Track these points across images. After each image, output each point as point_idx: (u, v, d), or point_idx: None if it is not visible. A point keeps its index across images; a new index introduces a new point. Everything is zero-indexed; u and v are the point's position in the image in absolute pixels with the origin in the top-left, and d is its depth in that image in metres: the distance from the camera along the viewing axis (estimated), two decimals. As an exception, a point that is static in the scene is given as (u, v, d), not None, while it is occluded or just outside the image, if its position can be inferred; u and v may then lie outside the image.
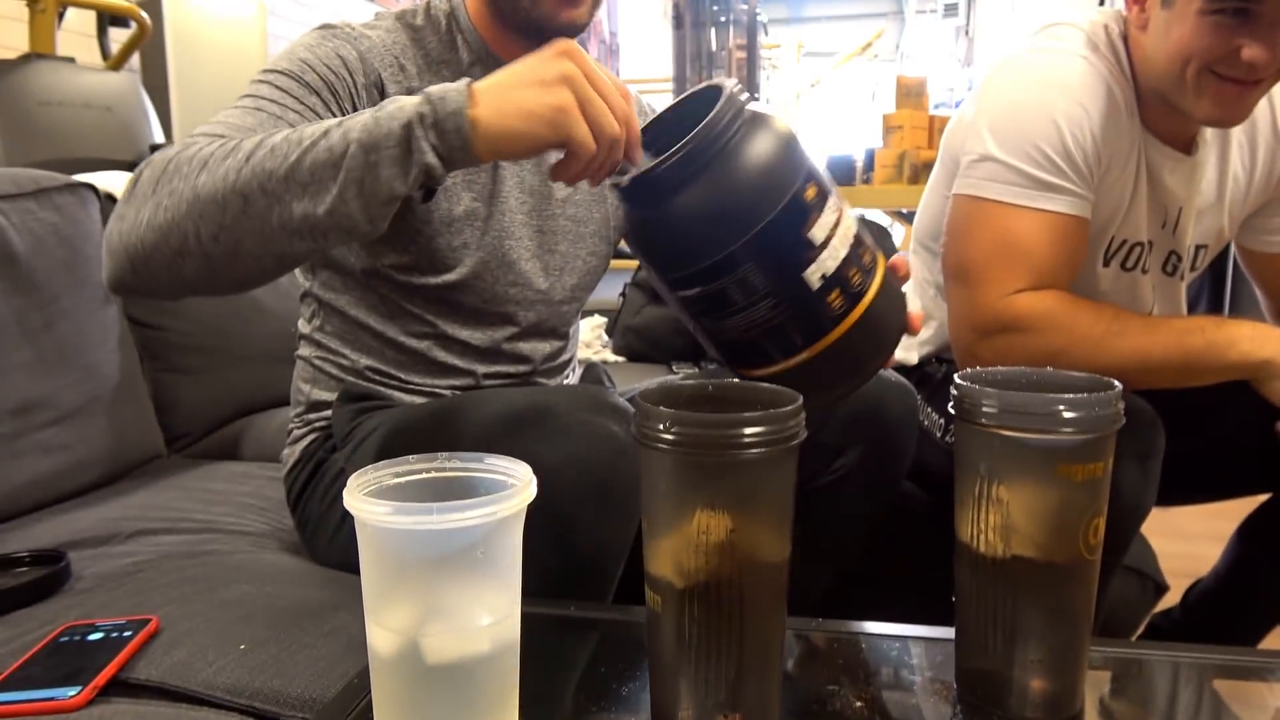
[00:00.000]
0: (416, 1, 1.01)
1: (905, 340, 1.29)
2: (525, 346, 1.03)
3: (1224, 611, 1.31)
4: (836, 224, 0.64)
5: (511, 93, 0.65)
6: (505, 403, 0.79)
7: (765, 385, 0.52)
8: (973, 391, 0.54)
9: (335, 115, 0.84)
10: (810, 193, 0.63)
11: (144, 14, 3.03)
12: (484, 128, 0.65)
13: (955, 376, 0.57)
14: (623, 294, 2.25)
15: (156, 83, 4.11)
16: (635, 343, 2.13)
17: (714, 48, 7.81)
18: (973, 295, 1.04)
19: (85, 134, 2.66)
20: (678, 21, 7.03)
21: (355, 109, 0.86)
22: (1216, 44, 0.96)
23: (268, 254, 0.68)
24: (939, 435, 1.14)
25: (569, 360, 1.12)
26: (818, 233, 0.62)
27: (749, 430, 0.45)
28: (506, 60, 0.97)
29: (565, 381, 1.12)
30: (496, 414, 0.77)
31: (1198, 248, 1.20)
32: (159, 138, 2.91)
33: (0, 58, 2.71)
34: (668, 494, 0.48)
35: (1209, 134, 1.13)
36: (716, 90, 0.67)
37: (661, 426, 0.46)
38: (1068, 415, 0.51)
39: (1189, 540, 1.53)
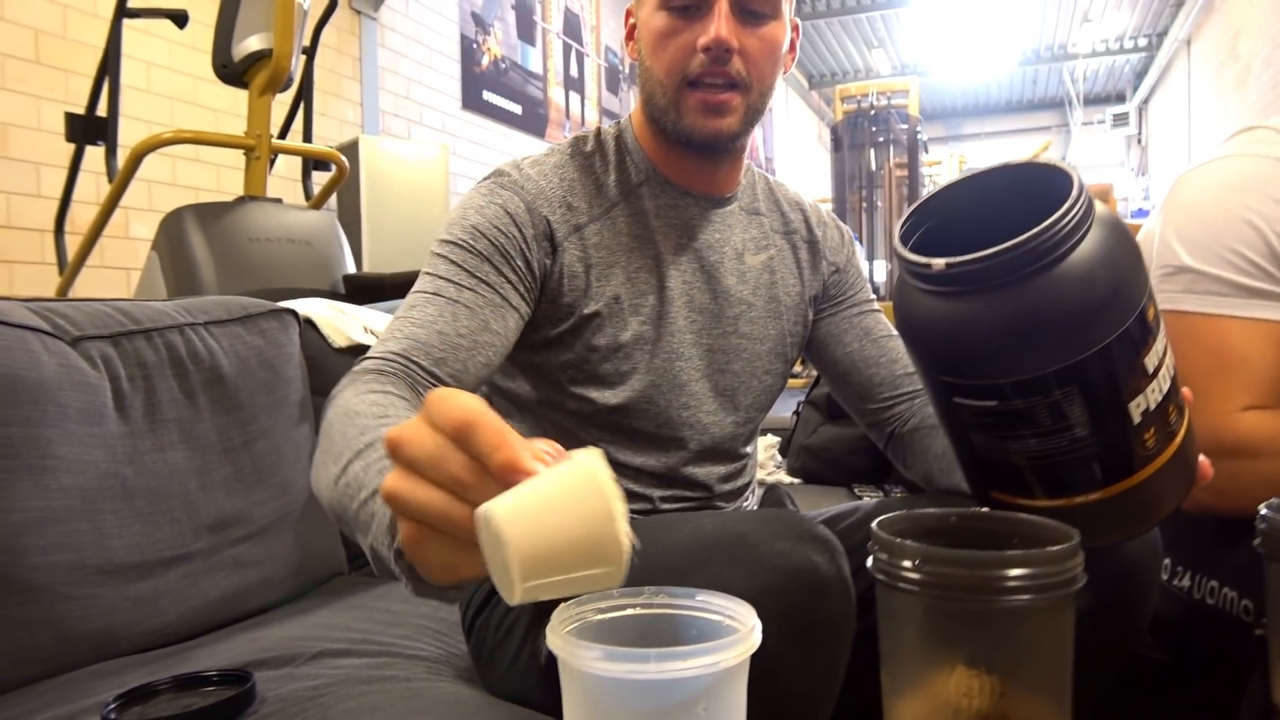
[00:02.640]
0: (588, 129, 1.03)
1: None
2: (701, 471, 0.98)
3: None
4: (1165, 352, 0.55)
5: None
6: (693, 529, 0.73)
7: (1023, 517, 0.45)
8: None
9: (508, 275, 0.87)
10: (1151, 312, 0.54)
11: (343, 159, 3.31)
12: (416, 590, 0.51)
13: (1261, 509, 0.47)
14: (796, 413, 2.18)
15: (351, 218, 4.49)
16: (811, 463, 2.04)
17: (873, 167, 7.83)
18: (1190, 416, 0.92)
19: (288, 266, 2.89)
20: (836, 144, 7.10)
21: (526, 262, 0.88)
22: None
23: None
24: (1171, 580, 0.99)
25: (748, 484, 1.06)
26: (1150, 360, 0.53)
27: (1017, 571, 0.38)
28: (672, 178, 0.98)
29: (745, 505, 1.06)
30: (684, 542, 0.72)
31: None
32: (350, 268, 3.12)
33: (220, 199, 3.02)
34: (916, 646, 0.41)
35: None
36: (1047, 173, 0.57)
37: (909, 564, 0.39)
38: None
39: None
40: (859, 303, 1.09)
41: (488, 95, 6.42)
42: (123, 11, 2.96)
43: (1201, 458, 0.63)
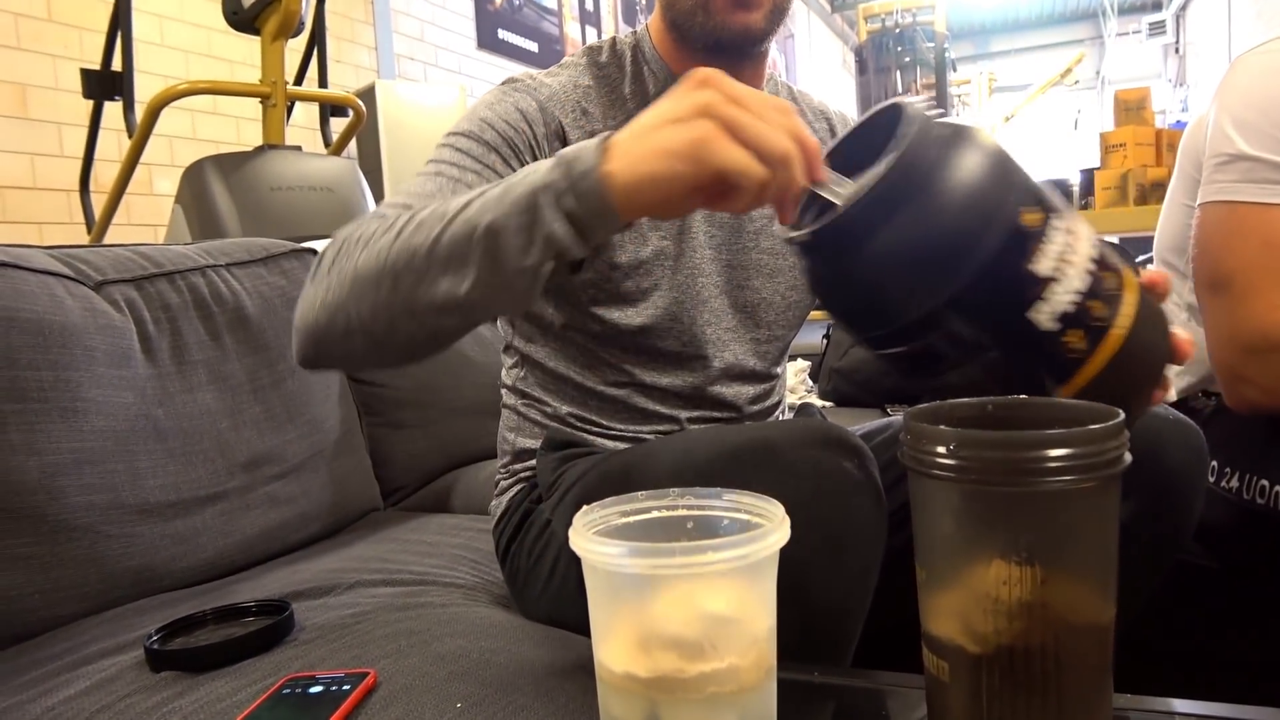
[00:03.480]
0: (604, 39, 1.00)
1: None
2: (728, 391, 0.96)
3: None
4: (1068, 249, 0.52)
5: (646, 138, 0.56)
6: (716, 440, 0.71)
7: (1066, 401, 0.43)
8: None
9: (516, 169, 0.82)
10: (1031, 217, 0.51)
11: (360, 103, 3.27)
12: (620, 181, 0.56)
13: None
14: (826, 335, 2.15)
15: (371, 165, 4.46)
16: (843, 385, 2.01)
17: (900, 89, 7.62)
18: (1237, 309, 0.88)
19: (310, 214, 2.88)
20: (861, 67, 6.92)
21: (536, 160, 0.85)
22: None
23: (422, 331, 0.65)
24: (1219, 482, 0.97)
25: (778, 403, 1.05)
26: (1043, 265, 0.50)
27: (1058, 452, 0.36)
28: None
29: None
30: (708, 453, 0.70)
31: None
32: (373, 213, 3.11)
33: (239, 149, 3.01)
34: (953, 536, 0.39)
35: None
36: (897, 111, 0.56)
37: (943, 450, 0.38)
38: None
39: None
40: None
41: (503, 34, 6.31)
42: (130, -38, 2.92)
43: (1182, 335, 0.59)
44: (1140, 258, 1.39)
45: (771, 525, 0.38)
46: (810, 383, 2.16)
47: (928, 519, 0.40)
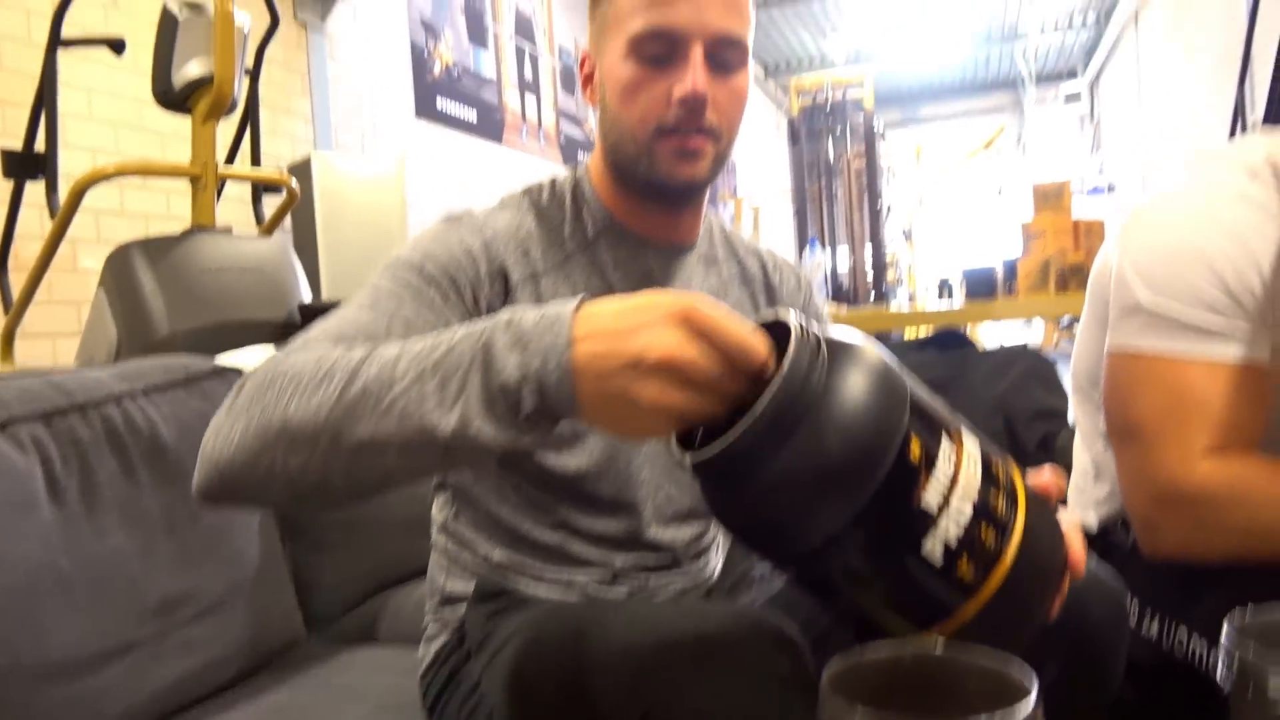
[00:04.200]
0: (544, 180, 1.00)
1: (1080, 499, 1.15)
2: (664, 534, 0.96)
3: None
4: (955, 476, 0.51)
5: (609, 382, 0.54)
6: (653, 625, 0.70)
7: (980, 658, 0.43)
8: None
9: (454, 305, 0.82)
10: (915, 449, 0.50)
11: (294, 181, 3.24)
12: (586, 408, 0.55)
13: (1225, 623, 0.45)
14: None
15: (306, 237, 4.40)
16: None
17: (831, 158, 7.84)
18: (1147, 459, 0.90)
19: (240, 296, 2.83)
20: (794, 137, 7.11)
21: (476, 299, 0.84)
22: None
23: (355, 488, 0.63)
24: (1140, 626, 0.98)
25: (712, 542, 1.04)
26: (931, 497, 0.50)
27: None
28: (633, 227, 0.95)
29: (711, 563, 1.03)
30: (641, 645, 0.69)
31: None
32: (306, 296, 3.06)
33: (167, 233, 2.94)
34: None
35: None
36: (779, 330, 0.54)
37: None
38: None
39: None
40: None
41: (442, 102, 6.34)
42: (57, 41, 2.87)
43: (1075, 550, 0.59)
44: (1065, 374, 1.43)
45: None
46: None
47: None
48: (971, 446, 0.54)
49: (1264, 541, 0.85)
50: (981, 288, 2.97)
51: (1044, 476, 0.62)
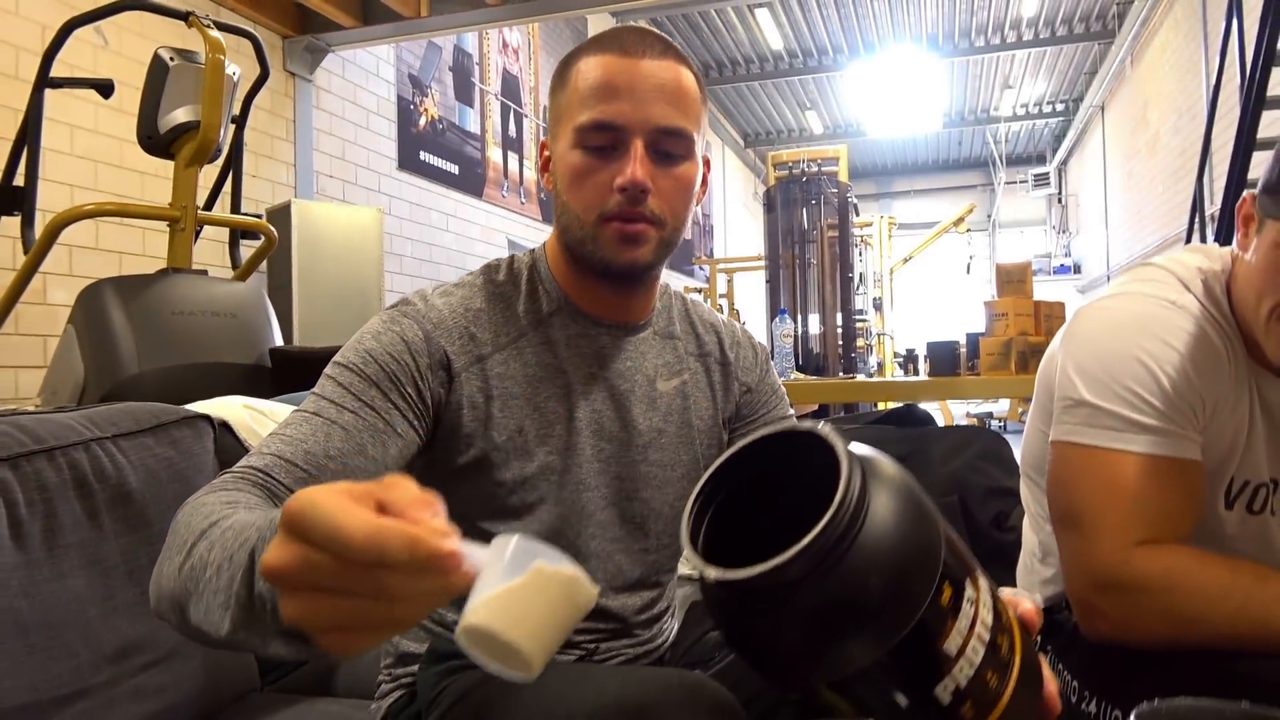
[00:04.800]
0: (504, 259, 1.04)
1: (1028, 579, 1.19)
2: (614, 603, 0.98)
3: None
4: (973, 623, 0.51)
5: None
6: (595, 696, 0.72)
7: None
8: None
9: (395, 401, 0.86)
10: (946, 595, 0.50)
11: (272, 228, 3.27)
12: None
13: (1133, 715, 0.49)
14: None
15: (282, 281, 4.41)
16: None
17: (805, 226, 8.00)
18: (1086, 547, 0.95)
19: (213, 340, 2.83)
20: (769, 206, 7.26)
21: (419, 391, 0.88)
22: None
23: (225, 648, 0.61)
24: (1080, 705, 1.01)
25: (666, 609, 1.06)
26: (952, 643, 0.50)
27: None
28: (585, 308, 0.99)
29: (665, 630, 1.05)
30: (588, 707, 0.71)
31: None
32: (279, 340, 3.07)
33: (142, 271, 2.95)
34: None
35: None
36: (813, 445, 0.53)
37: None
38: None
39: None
40: (772, 420, 1.11)
41: (424, 155, 6.43)
42: (45, 82, 2.90)
43: (1050, 688, 0.61)
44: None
45: None
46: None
47: None
48: (984, 593, 0.54)
49: (1194, 627, 0.88)
50: (945, 362, 3.04)
51: (1025, 606, 0.63)
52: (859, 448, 0.55)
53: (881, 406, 4.05)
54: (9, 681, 0.97)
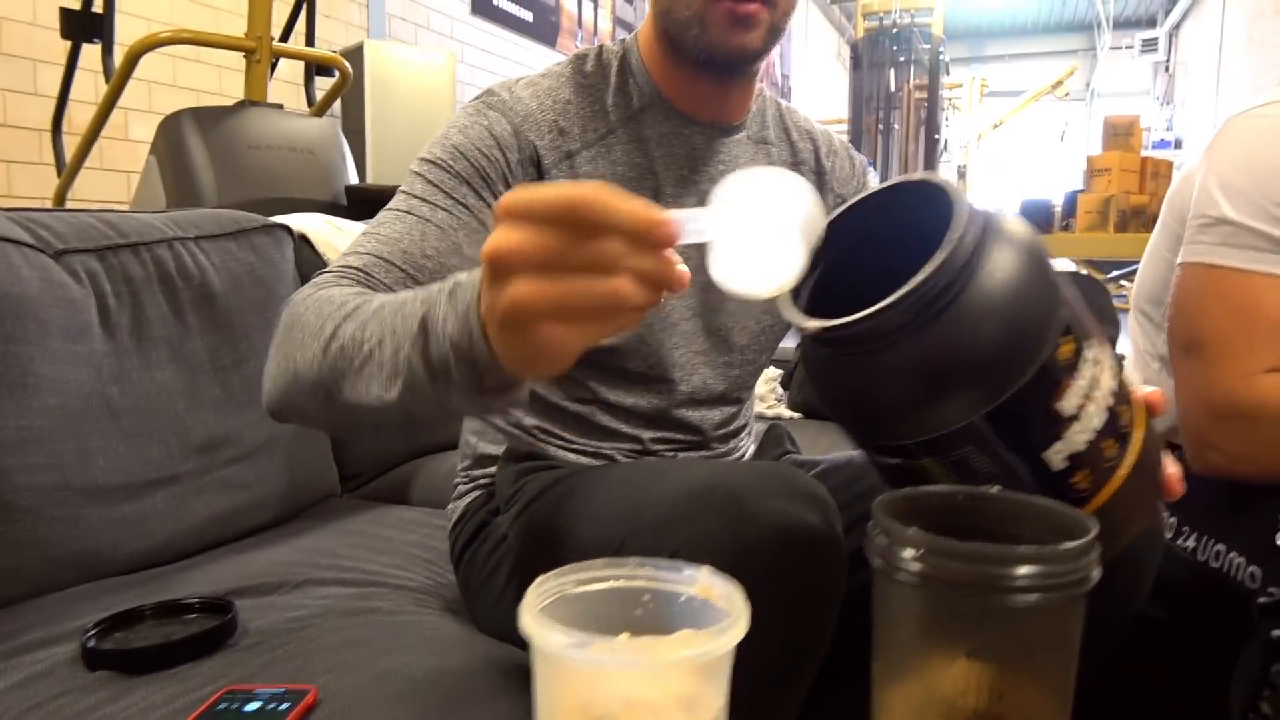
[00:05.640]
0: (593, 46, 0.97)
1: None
2: (694, 415, 0.95)
3: None
4: (1094, 385, 0.47)
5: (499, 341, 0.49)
6: (684, 480, 0.70)
7: (1037, 500, 0.42)
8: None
9: (487, 200, 0.82)
10: (1065, 350, 0.46)
11: (347, 64, 3.21)
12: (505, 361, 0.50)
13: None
14: (800, 346, 2.14)
15: (355, 125, 4.37)
16: (814, 399, 2.01)
17: (892, 88, 7.61)
18: (1208, 373, 0.89)
19: (289, 175, 2.83)
20: (855, 63, 6.89)
21: (509, 188, 0.83)
22: None
23: (359, 429, 0.65)
24: (1176, 540, 0.97)
25: (744, 426, 1.04)
26: (1069, 403, 0.46)
27: (1027, 570, 0.35)
28: (678, 104, 0.92)
29: (741, 447, 1.03)
30: (675, 491, 0.69)
31: None
32: (354, 178, 3.05)
33: (219, 104, 2.94)
34: (913, 640, 0.38)
35: None
36: (931, 191, 0.49)
37: (911, 554, 0.37)
38: None
39: None
40: None
41: (498, 1, 6.21)
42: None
43: (1172, 471, 0.57)
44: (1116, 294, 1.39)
45: (731, 618, 0.37)
46: (781, 391, 2.15)
47: (889, 619, 0.39)
48: (1109, 360, 0.50)
49: None
50: (1038, 221, 2.89)
51: (1149, 389, 0.57)
52: (984, 204, 0.50)
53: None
54: (103, 461, 1.00)
